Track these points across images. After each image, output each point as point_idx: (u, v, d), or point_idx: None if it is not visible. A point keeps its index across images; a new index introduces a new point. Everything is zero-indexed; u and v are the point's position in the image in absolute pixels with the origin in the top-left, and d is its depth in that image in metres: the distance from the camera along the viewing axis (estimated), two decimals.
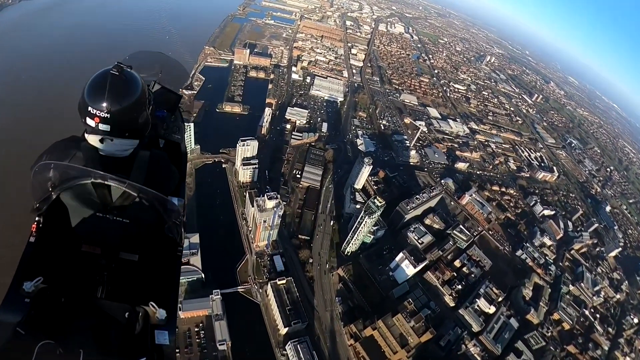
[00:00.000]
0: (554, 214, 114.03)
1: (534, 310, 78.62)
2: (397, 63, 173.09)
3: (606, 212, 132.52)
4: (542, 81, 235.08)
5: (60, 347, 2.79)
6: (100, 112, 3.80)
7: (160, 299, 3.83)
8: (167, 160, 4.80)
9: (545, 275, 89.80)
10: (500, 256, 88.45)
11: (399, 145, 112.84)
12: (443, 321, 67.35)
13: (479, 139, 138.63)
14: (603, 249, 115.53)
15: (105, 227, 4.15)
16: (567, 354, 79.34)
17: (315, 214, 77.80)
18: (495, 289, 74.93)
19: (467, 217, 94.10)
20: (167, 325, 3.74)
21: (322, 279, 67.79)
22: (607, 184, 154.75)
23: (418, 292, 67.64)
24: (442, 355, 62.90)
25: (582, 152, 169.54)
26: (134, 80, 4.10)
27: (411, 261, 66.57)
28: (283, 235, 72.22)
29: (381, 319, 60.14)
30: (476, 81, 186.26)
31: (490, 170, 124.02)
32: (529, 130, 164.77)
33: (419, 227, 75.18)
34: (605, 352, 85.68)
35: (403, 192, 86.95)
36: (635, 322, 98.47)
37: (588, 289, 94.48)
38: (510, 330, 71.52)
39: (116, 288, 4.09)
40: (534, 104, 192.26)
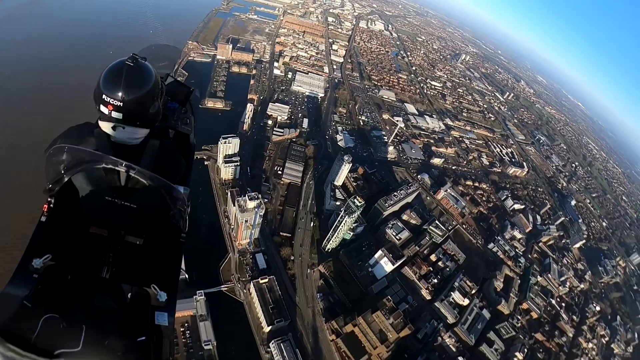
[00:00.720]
0: (524, 208, 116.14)
1: (504, 301, 79.84)
2: (376, 59, 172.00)
3: (571, 206, 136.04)
4: (513, 80, 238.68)
5: (64, 322, 2.84)
6: (114, 100, 3.86)
7: (161, 282, 3.91)
8: (176, 150, 4.91)
9: (515, 267, 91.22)
10: (473, 249, 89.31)
11: (377, 141, 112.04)
12: (420, 314, 67.73)
13: (454, 135, 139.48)
14: (568, 240, 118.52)
15: (113, 211, 4.22)
16: (535, 342, 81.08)
17: (296, 211, 76.27)
18: (468, 281, 75.58)
19: (442, 212, 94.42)
20: (166, 307, 3.76)
21: (304, 276, 66.86)
22: (573, 179, 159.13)
23: (396, 287, 67.62)
24: (420, 347, 63.39)
25: (550, 148, 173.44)
26: (148, 72, 4.14)
27: (390, 258, 66.57)
28: (265, 233, 70.61)
29: (361, 315, 59.95)
30: (452, 78, 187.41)
31: (465, 165, 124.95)
32: (501, 126, 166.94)
33: (396, 224, 74.98)
34: (569, 339, 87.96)
35: (381, 188, 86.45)
36: (597, 310, 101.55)
37: (554, 279, 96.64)
38: (483, 321, 72.43)
39: (120, 269, 4.17)
40: (505, 101, 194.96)
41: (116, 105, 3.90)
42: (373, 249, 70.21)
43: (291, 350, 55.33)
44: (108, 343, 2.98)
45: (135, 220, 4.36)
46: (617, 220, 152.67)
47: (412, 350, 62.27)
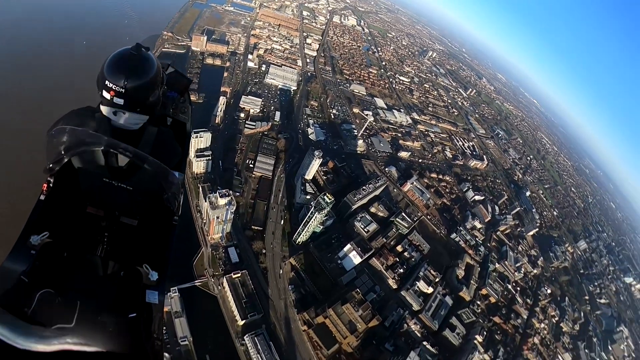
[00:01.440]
0: (484, 199, 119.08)
1: (465, 288, 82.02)
2: (348, 54, 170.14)
3: (526, 197, 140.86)
4: (475, 77, 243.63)
5: (59, 297, 2.93)
6: (116, 86, 3.87)
7: (153, 262, 3.98)
8: (173, 137, 4.90)
9: (476, 255, 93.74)
10: (437, 239, 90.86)
11: (348, 135, 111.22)
12: (387, 303, 68.49)
13: (420, 129, 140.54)
14: (523, 229, 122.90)
15: (110, 192, 4.25)
16: (493, 324, 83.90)
17: (267, 204, 74.58)
18: (432, 270, 76.91)
19: (408, 204, 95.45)
20: (157, 286, 3.81)
21: (276, 269, 65.91)
22: (527, 171, 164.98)
23: (364, 278, 67.96)
24: (387, 334, 64.35)
25: (507, 142, 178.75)
26: (150, 61, 4.15)
27: (358, 252, 66.84)
28: (237, 227, 68.81)
29: (331, 307, 60.02)
30: (419, 74, 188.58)
31: (430, 158, 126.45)
32: (464, 121, 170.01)
33: (365, 216, 75.03)
34: (524, 320, 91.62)
35: (351, 182, 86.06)
36: (549, 293, 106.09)
37: (511, 266, 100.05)
38: (445, 308, 74.14)
39: (115, 248, 4.20)
40: (468, 97, 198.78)
41: (118, 92, 3.89)
42: (342, 241, 70.08)
43: (265, 344, 54.87)
44: (100, 318, 3.02)
45: (131, 202, 4.39)
46: (566, 209, 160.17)
47: (380, 337, 63.20)
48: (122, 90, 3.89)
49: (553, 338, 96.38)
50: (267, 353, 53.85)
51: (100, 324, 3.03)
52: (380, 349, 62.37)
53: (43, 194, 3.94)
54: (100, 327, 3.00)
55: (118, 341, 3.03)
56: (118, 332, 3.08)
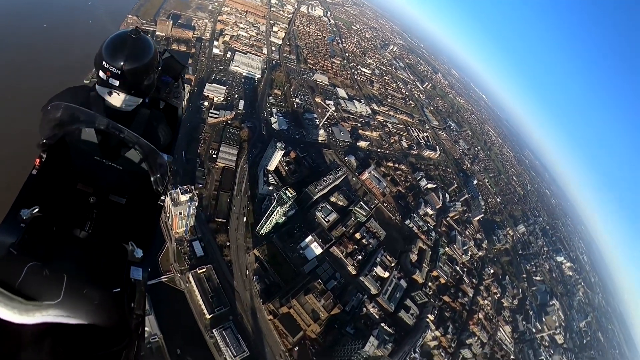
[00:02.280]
0: (435, 187, 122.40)
1: (418, 271, 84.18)
2: (313, 44, 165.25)
3: (473, 185, 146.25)
4: (432, 71, 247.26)
5: (46, 270, 2.88)
6: (112, 67, 3.87)
7: (139, 240, 3.96)
8: (164, 120, 4.89)
9: (428, 240, 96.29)
10: (392, 225, 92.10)
11: (310, 124, 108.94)
12: (347, 288, 68.92)
13: (379, 119, 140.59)
14: (470, 214, 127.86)
15: (101, 171, 4.21)
16: (443, 303, 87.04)
17: (230, 196, 71.23)
18: (388, 256, 78.09)
19: (366, 192, 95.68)
20: (142, 263, 3.81)
21: (240, 260, 63.67)
22: (475, 161, 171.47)
23: (325, 266, 67.81)
24: (348, 318, 65.25)
25: (458, 134, 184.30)
26: (148, 45, 4.14)
27: (319, 243, 66.44)
28: (200, 219, 65.45)
29: (295, 298, 59.90)
30: (380, 66, 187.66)
31: (387, 148, 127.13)
32: (419, 113, 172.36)
33: (325, 206, 74.32)
34: (470, 298, 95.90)
35: (312, 171, 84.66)
36: (492, 273, 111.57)
37: (459, 249, 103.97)
38: (400, 290, 75.76)
39: (102, 225, 4.09)
40: (424, 90, 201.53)
41: (114, 73, 3.87)
42: (304, 231, 69.23)
43: (233, 337, 53.77)
44: (86, 292, 2.99)
45: (120, 181, 4.33)
46: (508, 196, 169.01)
47: (341, 322, 64.15)
48: (118, 72, 3.87)
49: (495, 313, 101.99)
50: (235, 346, 52.77)
51: (85, 297, 2.96)
52: (342, 332, 63.38)
53: (35, 169, 3.90)
54: (85, 301, 2.94)
55: (102, 315, 3.00)
56: (102, 306, 3.04)
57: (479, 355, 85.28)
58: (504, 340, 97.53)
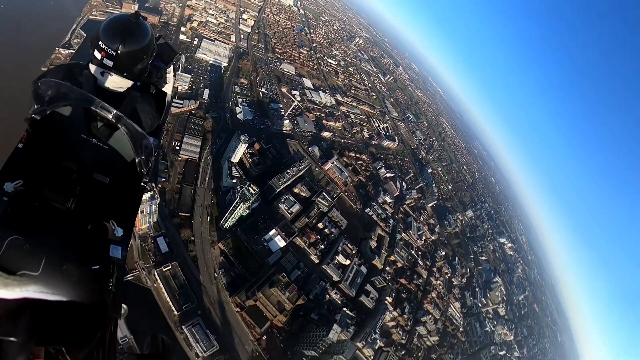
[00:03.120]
0: (394, 176, 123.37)
1: (377, 257, 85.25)
2: (282, 33, 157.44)
3: (428, 173, 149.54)
4: (394, 65, 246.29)
5: (27, 244, 2.81)
6: (108, 48, 3.79)
7: (120, 219, 3.88)
8: (154, 104, 4.81)
9: (386, 227, 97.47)
10: (353, 214, 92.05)
11: (275, 114, 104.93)
12: (311, 277, 68.48)
13: (343, 110, 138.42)
14: (424, 201, 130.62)
15: (87, 148, 4.11)
16: (400, 285, 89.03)
17: (194, 189, 66.85)
18: (349, 244, 78.21)
19: (328, 182, 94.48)
20: (121, 242, 3.75)
21: (205, 255, 60.63)
22: (430, 151, 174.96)
23: (289, 256, 66.72)
24: (312, 305, 65.08)
25: (415, 125, 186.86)
26: (145, 31, 4.08)
27: (282, 236, 64.83)
28: (164, 214, 61.01)
29: (260, 291, 58.78)
30: (345, 58, 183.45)
31: (349, 138, 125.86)
32: (380, 104, 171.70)
33: (288, 198, 72.38)
34: (424, 279, 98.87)
35: (276, 163, 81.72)
36: (443, 254, 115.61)
37: (414, 234, 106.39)
38: (361, 276, 76.49)
39: (85, 202, 4.01)
40: (386, 82, 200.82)
41: (109, 54, 3.80)
42: (268, 223, 67.20)
43: (202, 332, 51.94)
44: (65, 268, 2.89)
45: (105, 160, 4.23)
46: (459, 184, 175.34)
47: (306, 309, 64.02)
48: (113, 54, 3.79)
49: (446, 291, 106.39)
50: (205, 341, 51.10)
51: (64, 273, 2.83)
52: (307, 319, 63.45)
53: (21, 142, 3.82)
54: (64, 277, 2.82)
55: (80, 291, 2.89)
56: (80, 283, 2.91)
57: (433, 331, 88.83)
58: (454, 316, 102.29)
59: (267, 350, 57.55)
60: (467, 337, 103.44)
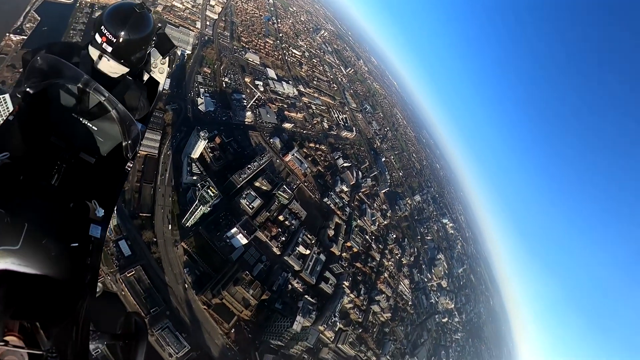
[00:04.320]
0: (351, 165, 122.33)
1: (335, 244, 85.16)
2: (249, 21, 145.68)
3: (382, 162, 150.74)
4: (355, 57, 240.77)
5: (8, 217, 2.71)
6: (110, 34, 3.66)
7: (102, 200, 3.70)
8: (145, 92, 4.63)
9: (343, 215, 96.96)
10: (312, 204, 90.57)
11: (237, 105, 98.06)
12: (273, 269, 67.10)
13: (304, 101, 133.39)
14: (378, 188, 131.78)
15: (76, 128, 3.93)
16: (356, 269, 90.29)
17: (154, 187, 60.72)
18: (309, 234, 77.20)
19: (289, 173, 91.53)
20: (102, 222, 3.58)
21: (169, 255, 56.30)
22: (384, 140, 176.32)
23: (252, 251, 64.46)
24: (276, 296, 64.36)
25: (372, 116, 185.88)
26: (148, 22, 3.99)
27: (244, 234, 61.91)
28: (124, 216, 55.12)
29: (225, 289, 56.87)
30: (310, 49, 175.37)
31: (310, 129, 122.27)
32: (341, 95, 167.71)
33: (250, 193, 68.82)
34: (377, 262, 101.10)
35: (237, 157, 76.95)
36: (394, 237, 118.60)
37: (368, 220, 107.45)
38: (320, 264, 76.23)
39: (69, 180, 3.79)
40: (347, 75, 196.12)
41: (110, 40, 3.66)
42: (230, 219, 63.93)
43: (172, 335, 49.15)
44: (44, 243, 2.81)
45: (93, 141, 4.07)
46: (408, 170, 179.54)
47: (270, 299, 63.31)
48: (114, 40, 3.65)
49: (397, 270, 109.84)
50: (175, 344, 48.45)
51: (43, 248, 2.77)
52: (272, 309, 62.92)
53: (12, 115, 3.61)
54: (43, 252, 2.76)
55: (58, 267, 2.83)
56: (59, 259, 2.86)
57: (386, 307, 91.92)
58: (404, 292, 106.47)
59: (236, 342, 56.61)
60: (415, 309, 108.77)
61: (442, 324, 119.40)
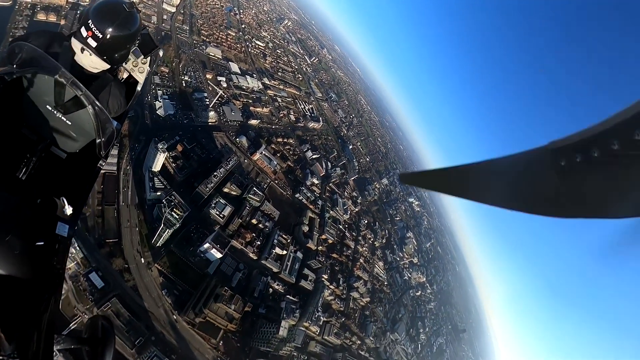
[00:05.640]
0: (319, 157, 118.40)
1: (310, 240, 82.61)
2: (210, 13, 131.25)
3: (349, 149, 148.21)
4: (319, 46, 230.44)
5: None
6: (96, 30, 3.43)
7: (71, 197, 3.48)
8: (123, 90, 4.38)
9: (315, 209, 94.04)
10: (284, 202, 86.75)
11: (199, 105, 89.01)
12: (252, 274, 63.71)
13: (270, 94, 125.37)
14: (347, 176, 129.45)
15: (49, 121, 3.71)
16: (333, 260, 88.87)
17: (117, 208, 53.22)
18: (284, 235, 73.90)
19: (258, 172, 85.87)
20: (70, 221, 3.37)
21: (144, 279, 50.63)
22: (350, 127, 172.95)
23: (228, 260, 60.18)
24: (258, 302, 61.87)
25: (337, 104, 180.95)
26: (135, 21, 3.76)
27: (217, 249, 56.89)
28: (89, 245, 47.68)
29: (207, 307, 53.45)
30: (273, 40, 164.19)
31: (277, 123, 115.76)
32: (306, 85, 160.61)
33: (219, 201, 63.14)
34: (353, 250, 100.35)
35: (203, 161, 70.27)
36: (366, 223, 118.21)
37: (340, 210, 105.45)
38: (298, 262, 73.75)
39: (38, 175, 3.58)
40: (311, 64, 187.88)
41: (95, 35, 3.44)
42: (201, 231, 58.67)
43: None
44: (8, 240, 2.61)
45: (66, 135, 3.84)
46: (375, 155, 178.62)
47: (253, 305, 60.78)
48: (100, 36, 3.39)
49: (371, 254, 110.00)
50: None
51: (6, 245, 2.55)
52: (256, 314, 60.53)
53: None
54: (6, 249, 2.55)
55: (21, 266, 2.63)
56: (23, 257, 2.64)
57: (364, 292, 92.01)
58: (379, 274, 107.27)
59: (226, 353, 54.06)
60: (391, 288, 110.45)
61: (416, 297, 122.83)
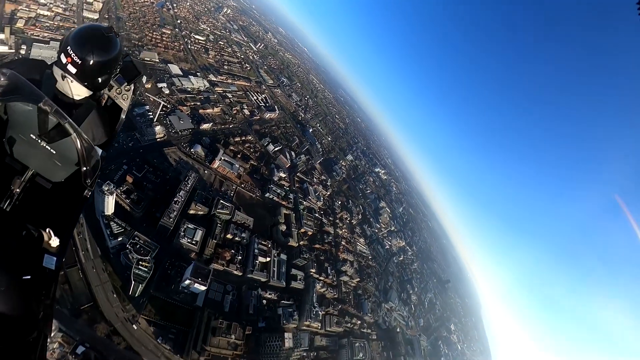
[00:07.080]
0: (282, 148, 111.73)
1: (290, 237, 79.08)
2: (139, 13, 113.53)
3: (310, 133, 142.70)
4: (263, 31, 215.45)
5: None
6: (75, 56, 3.31)
7: (57, 228, 3.28)
8: (107, 118, 4.19)
9: (288, 204, 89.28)
10: (255, 204, 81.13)
11: (142, 121, 77.47)
12: (242, 292, 59.42)
13: (218, 91, 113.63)
14: (312, 161, 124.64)
15: (34, 150, 3.44)
16: (317, 251, 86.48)
17: (80, 267, 44.99)
18: (263, 241, 69.39)
19: (222, 181, 78.43)
20: (57, 253, 3.15)
21: (135, 335, 44.45)
22: (307, 110, 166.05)
23: (214, 286, 55.27)
24: (255, 317, 58.79)
25: (290, 88, 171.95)
26: (115, 48, 3.57)
27: (199, 282, 50.95)
28: (66, 318, 40.07)
29: (207, 343, 48.95)
30: (214, 31, 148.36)
31: (231, 122, 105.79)
32: (255, 74, 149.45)
33: (187, 227, 56.37)
34: (333, 235, 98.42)
35: (159, 187, 61.66)
36: (339, 204, 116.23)
37: (313, 198, 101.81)
38: (284, 264, 70.84)
39: (22, 206, 3.29)
40: (257, 51, 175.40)
41: (75, 61, 3.32)
42: (178, 264, 52.59)
43: None
44: None
45: (50, 165, 3.58)
46: (335, 133, 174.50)
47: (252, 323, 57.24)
48: (79, 62, 3.29)
49: (351, 233, 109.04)
50: None
51: None
52: (258, 329, 57.74)
53: None
54: None
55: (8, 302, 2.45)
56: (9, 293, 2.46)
57: (353, 273, 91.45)
58: (363, 250, 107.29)
59: None
60: (376, 261, 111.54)
61: (400, 262, 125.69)
